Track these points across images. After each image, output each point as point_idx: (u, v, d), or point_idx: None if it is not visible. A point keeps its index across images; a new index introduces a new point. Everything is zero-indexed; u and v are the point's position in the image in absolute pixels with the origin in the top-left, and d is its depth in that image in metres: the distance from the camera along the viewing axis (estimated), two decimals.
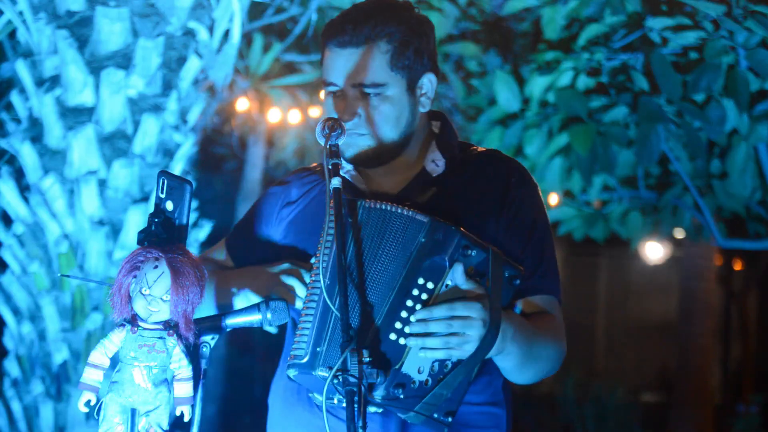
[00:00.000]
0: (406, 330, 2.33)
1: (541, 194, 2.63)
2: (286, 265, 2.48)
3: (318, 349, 2.31)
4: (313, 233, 2.50)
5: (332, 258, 2.32)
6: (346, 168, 2.58)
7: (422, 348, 2.31)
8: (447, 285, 2.36)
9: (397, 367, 2.32)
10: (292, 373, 2.35)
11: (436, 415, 2.35)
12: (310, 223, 2.56)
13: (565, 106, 5.67)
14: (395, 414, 2.39)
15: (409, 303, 2.34)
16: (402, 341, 2.33)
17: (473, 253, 2.36)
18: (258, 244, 2.64)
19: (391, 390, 2.31)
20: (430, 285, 2.35)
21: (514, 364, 2.45)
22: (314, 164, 2.74)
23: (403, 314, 2.34)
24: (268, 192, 2.73)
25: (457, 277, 2.35)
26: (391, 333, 2.33)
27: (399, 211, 2.37)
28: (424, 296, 2.35)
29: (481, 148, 2.65)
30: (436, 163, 2.56)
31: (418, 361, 2.33)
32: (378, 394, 2.31)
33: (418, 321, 2.32)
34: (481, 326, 2.31)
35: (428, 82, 2.54)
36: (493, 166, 2.59)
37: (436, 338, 2.31)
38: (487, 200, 2.53)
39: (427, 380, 2.34)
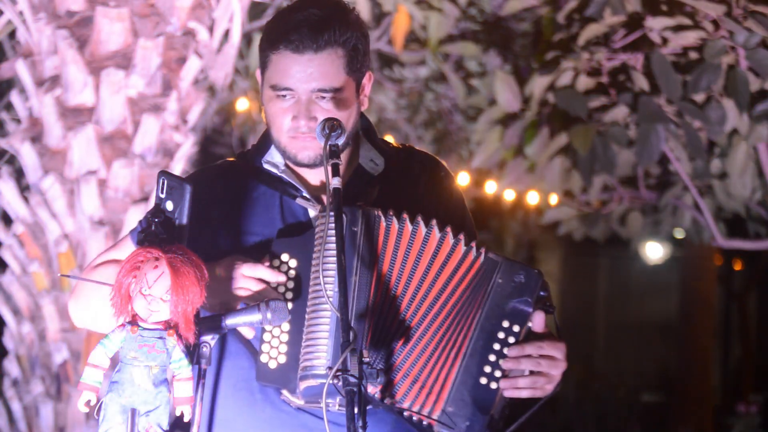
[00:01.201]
0: (497, 374, 2.34)
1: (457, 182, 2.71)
2: (240, 265, 2.39)
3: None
4: (259, 236, 2.48)
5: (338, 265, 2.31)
6: (281, 168, 2.54)
7: (512, 387, 2.33)
8: (529, 326, 2.38)
9: (491, 412, 2.32)
10: (308, 383, 2.31)
11: None
12: (247, 223, 2.52)
13: (565, 106, 5.66)
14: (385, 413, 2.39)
15: (497, 346, 2.35)
16: (493, 385, 2.34)
17: (546, 294, 2.39)
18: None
19: None
20: (516, 328, 2.35)
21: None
22: (221, 161, 2.68)
23: (491, 357, 2.34)
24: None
25: (539, 319, 2.37)
26: (481, 377, 2.33)
27: (473, 248, 2.38)
28: (511, 339, 2.35)
29: (395, 144, 2.68)
30: (375, 162, 2.57)
31: (501, 403, 2.35)
32: None
33: (510, 359, 2.33)
34: (563, 365, 2.37)
35: (367, 81, 2.56)
36: (418, 162, 2.64)
37: (526, 379, 2.34)
38: (425, 195, 2.57)
39: (500, 420, 2.35)
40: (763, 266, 12.77)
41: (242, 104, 7.56)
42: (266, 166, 2.57)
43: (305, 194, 2.51)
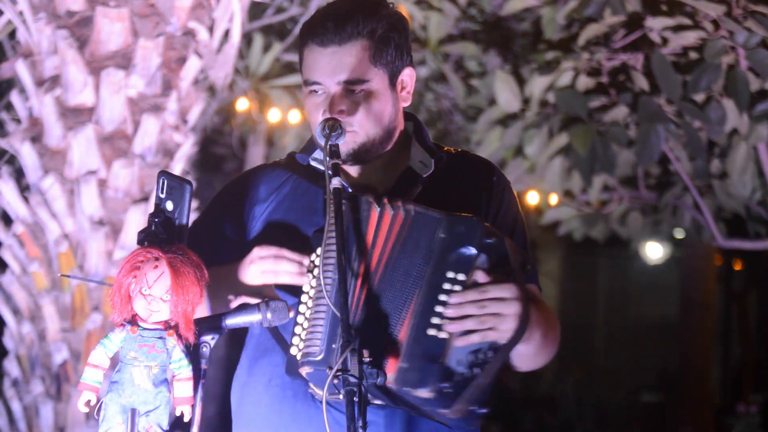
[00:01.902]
0: (445, 323, 2.32)
1: (512, 189, 2.69)
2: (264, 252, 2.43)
3: (333, 346, 2.30)
4: (291, 232, 2.50)
5: (337, 267, 2.31)
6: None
7: (462, 334, 2.31)
8: (475, 273, 2.36)
9: (440, 361, 2.31)
10: (306, 370, 2.33)
11: (471, 408, 2.35)
12: (286, 221, 2.54)
13: (565, 106, 5.67)
14: (403, 407, 2.38)
15: (443, 297, 2.34)
16: (442, 335, 2.32)
17: (494, 241, 2.37)
18: (225, 243, 2.59)
19: (438, 385, 2.30)
20: (460, 276, 2.35)
21: (535, 348, 2.46)
22: (277, 159, 2.72)
23: (438, 309, 2.33)
24: (230, 189, 2.68)
25: (483, 262, 2.35)
26: (428, 329, 2.32)
27: (409, 208, 2.39)
28: (457, 288, 2.34)
29: (451, 149, 2.67)
30: (424, 164, 2.56)
31: (457, 353, 2.32)
32: (425, 390, 2.29)
33: (453, 306, 2.32)
34: (516, 304, 2.32)
35: (408, 78, 2.56)
36: (472, 166, 2.63)
37: (473, 320, 2.31)
38: (473, 200, 2.56)
39: (464, 372, 2.33)
40: (763, 266, 12.77)
41: (242, 104, 7.56)
42: (313, 164, 2.59)
43: (348, 190, 2.48)
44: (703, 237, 6.93)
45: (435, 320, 2.33)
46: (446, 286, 2.35)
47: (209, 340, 2.26)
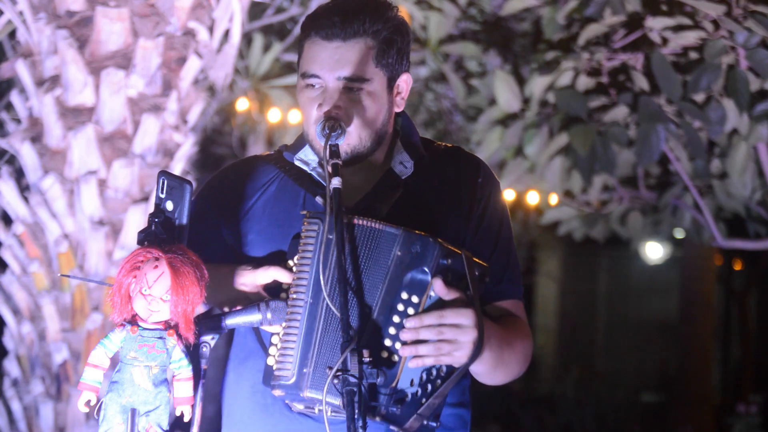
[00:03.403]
0: (397, 345, 2.30)
1: (502, 193, 2.63)
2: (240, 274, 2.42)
3: (304, 370, 2.29)
4: (278, 233, 2.48)
5: (313, 273, 2.31)
6: (312, 166, 2.55)
7: (415, 357, 2.28)
8: (431, 296, 2.33)
9: (393, 384, 2.28)
10: (277, 393, 2.33)
11: (425, 422, 2.33)
12: (273, 221, 2.53)
13: (565, 106, 5.67)
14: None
15: (396, 319, 2.31)
16: (395, 357, 2.29)
17: (450, 262, 2.33)
18: (215, 242, 2.58)
19: (390, 408, 2.28)
20: (414, 299, 2.32)
21: (487, 368, 2.44)
22: (264, 152, 2.69)
23: (392, 330, 2.30)
24: (215, 184, 2.65)
25: (439, 287, 2.32)
26: (382, 351, 2.29)
27: (369, 224, 2.35)
28: (410, 310, 2.32)
29: (443, 145, 2.64)
30: (404, 165, 2.54)
31: (410, 373, 2.31)
32: (376, 413, 2.28)
33: (409, 330, 2.29)
34: (473, 332, 2.30)
35: (404, 83, 2.54)
36: (459, 165, 2.59)
37: (428, 345, 2.28)
38: (455, 201, 2.53)
39: (417, 391, 2.31)
40: (763, 266, 12.77)
41: (242, 104, 7.56)
42: (297, 163, 2.57)
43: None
44: (703, 237, 6.92)
45: (387, 342, 2.30)
46: (400, 307, 2.32)
47: (209, 340, 2.26)
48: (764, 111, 5.38)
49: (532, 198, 7.20)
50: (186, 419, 2.19)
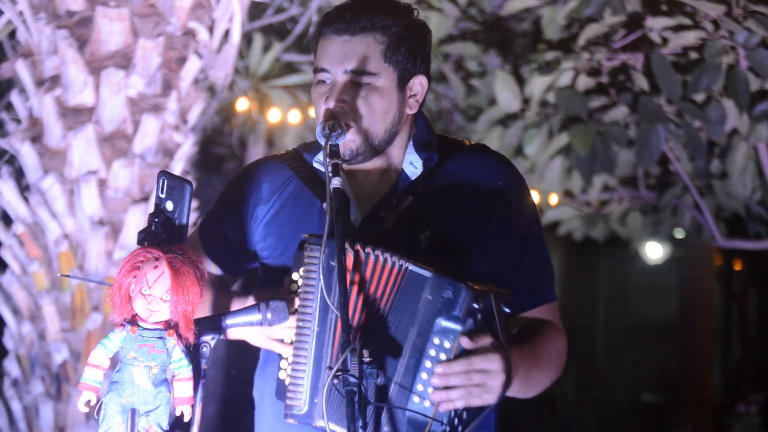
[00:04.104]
0: (429, 392, 2.29)
1: (530, 191, 2.57)
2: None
3: (315, 400, 2.30)
4: (292, 239, 2.47)
5: (318, 301, 2.31)
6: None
7: (446, 401, 2.28)
8: (461, 343, 2.32)
9: (426, 430, 2.28)
10: (290, 421, 2.34)
11: None
12: (288, 226, 2.52)
13: (565, 106, 5.67)
14: None
15: (428, 364, 2.29)
16: (426, 404, 2.29)
17: (481, 306, 2.30)
18: (232, 244, 2.58)
19: None
20: (447, 344, 2.29)
21: (517, 393, 2.44)
22: (281, 151, 2.66)
23: (424, 376, 2.29)
24: (235, 186, 2.63)
25: (466, 342, 2.30)
26: (413, 396, 2.29)
27: (400, 262, 2.32)
28: (442, 356, 2.29)
29: (469, 143, 2.59)
30: (413, 165, 2.51)
31: (441, 415, 2.30)
32: None
33: (439, 376, 2.28)
34: (501, 376, 2.29)
35: (419, 85, 2.50)
36: (480, 167, 2.53)
37: (458, 390, 2.28)
38: (474, 207, 2.48)
39: (447, 428, 2.30)
40: (763, 266, 12.78)
41: (242, 104, 7.56)
42: (315, 165, 2.55)
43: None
44: (703, 237, 6.92)
45: (419, 387, 2.29)
46: (431, 352, 2.30)
47: (209, 340, 2.26)
48: (764, 111, 5.38)
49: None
50: (186, 419, 2.19)
